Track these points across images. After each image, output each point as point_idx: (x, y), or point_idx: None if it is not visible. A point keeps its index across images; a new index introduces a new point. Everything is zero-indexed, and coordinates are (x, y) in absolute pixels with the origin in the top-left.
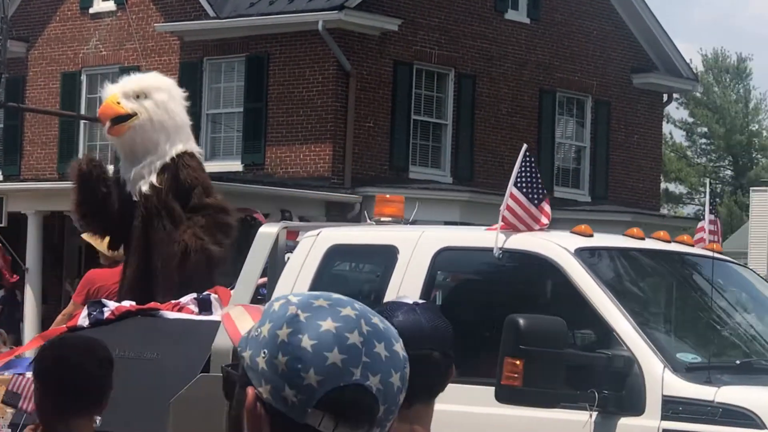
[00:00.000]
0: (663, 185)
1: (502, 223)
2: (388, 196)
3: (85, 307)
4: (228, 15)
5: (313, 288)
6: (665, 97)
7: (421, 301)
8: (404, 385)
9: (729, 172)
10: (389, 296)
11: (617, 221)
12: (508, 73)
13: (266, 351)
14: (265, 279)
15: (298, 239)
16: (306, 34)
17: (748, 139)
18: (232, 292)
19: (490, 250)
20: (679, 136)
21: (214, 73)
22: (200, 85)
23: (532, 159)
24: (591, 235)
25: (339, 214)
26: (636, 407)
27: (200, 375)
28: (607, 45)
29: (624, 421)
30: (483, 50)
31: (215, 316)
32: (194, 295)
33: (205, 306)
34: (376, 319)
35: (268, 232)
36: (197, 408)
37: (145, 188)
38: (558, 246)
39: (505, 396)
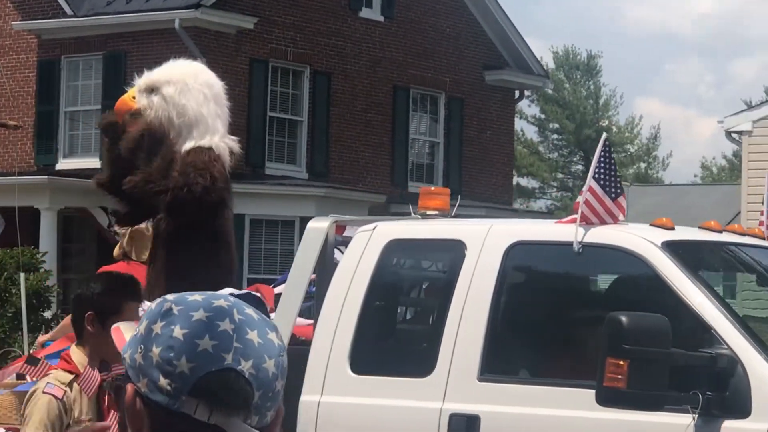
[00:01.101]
0: (515, 180)
1: (576, 216)
2: (432, 188)
3: None
4: (85, 13)
5: (372, 286)
6: (517, 93)
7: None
8: (280, 373)
9: (580, 167)
10: (458, 293)
11: (470, 216)
12: (362, 71)
13: (142, 346)
14: (312, 276)
15: (345, 234)
16: (163, 32)
17: (598, 135)
18: (275, 290)
19: (568, 244)
20: (531, 132)
21: (71, 71)
22: (58, 83)
23: (611, 150)
24: (673, 228)
25: None
26: (741, 409)
27: None
28: (460, 43)
29: (728, 425)
30: (338, 48)
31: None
32: (228, 291)
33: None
34: (251, 311)
35: (319, 227)
36: None
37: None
38: (644, 240)
39: (607, 399)
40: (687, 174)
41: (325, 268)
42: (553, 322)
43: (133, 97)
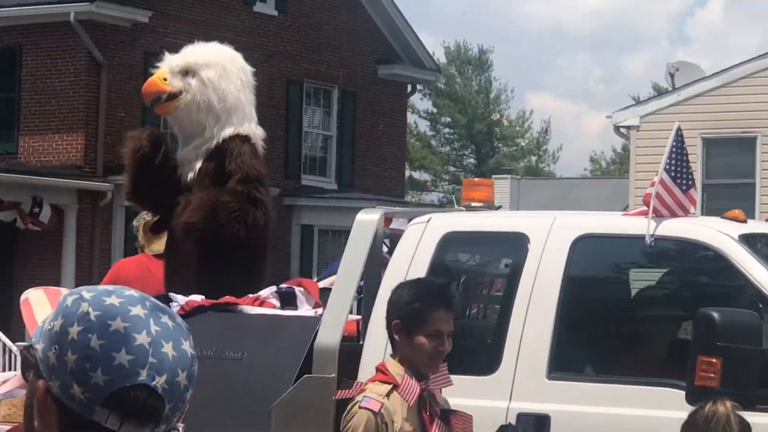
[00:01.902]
0: (408, 173)
1: (645, 208)
2: (476, 179)
3: None
4: None
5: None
6: (409, 87)
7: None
8: (191, 383)
9: (472, 160)
10: (522, 288)
11: (363, 208)
12: (256, 64)
13: (57, 347)
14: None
15: (391, 226)
16: (58, 25)
17: (489, 128)
18: (319, 284)
19: (639, 237)
20: (423, 126)
21: None
22: None
23: (683, 141)
24: (745, 221)
25: (91, 202)
26: None
27: (305, 377)
28: (353, 37)
29: None
30: (232, 42)
31: (302, 311)
32: (274, 288)
33: (288, 300)
34: (166, 318)
35: (369, 219)
36: (303, 413)
37: (191, 175)
38: (719, 232)
39: (700, 398)
40: (577, 167)
41: (373, 262)
42: (625, 318)
43: (164, 79)
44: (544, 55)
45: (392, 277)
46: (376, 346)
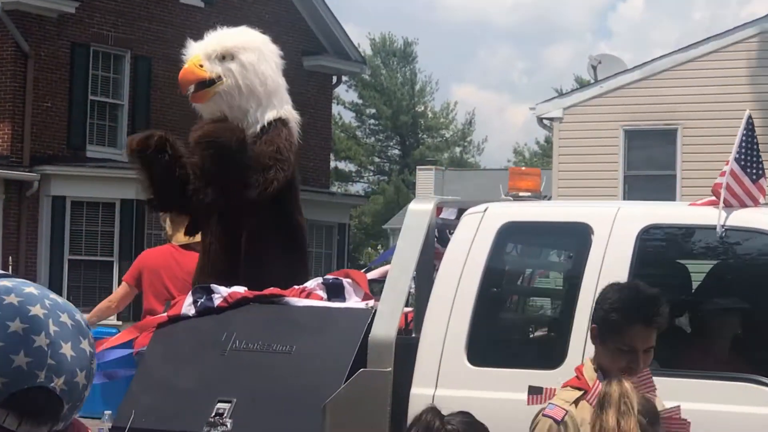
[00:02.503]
0: (333, 164)
1: (713, 198)
2: (523, 168)
3: (189, 293)
4: None
5: (488, 272)
6: (335, 79)
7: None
8: (89, 381)
9: (396, 152)
10: (587, 280)
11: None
12: (183, 55)
13: None
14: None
15: (442, 216)
16: None
17: (414, 120)
18: (368, 275)
19: (708, 227)
20: (348, 117)
21: None
22: None
23: (754, 131)
24: None
25: (17, 191)
26: None
27: (361, 371)
28: (279, 28)
29: None
30: (158, 33)
31: (351, 303)
32: (320, 279)
33: (335, 291)
34: (65, 317)
35: (424, 208)
36: (359, 408)
37: None
38: None
39: None
40: (501, 159)
41: (426, 253)
42: (696, 310)
43: (200, 65)
44: (468, 48)
45: (448, 269)
46: (433, 341)
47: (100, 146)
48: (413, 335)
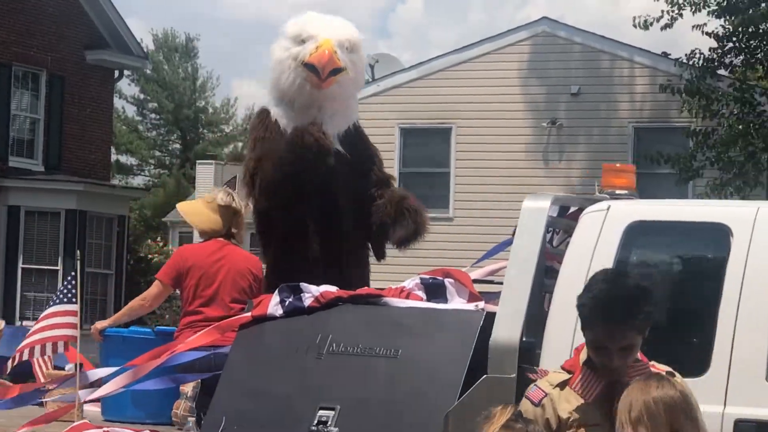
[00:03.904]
0: (114, 157)
1: None
2: (618, 165)
3: (276, 292)
4: None
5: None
6: (117, 73)
7: None
8: None
9: (177, 146)
10: (730, 284)
11: (69, 190)
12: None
13: None
14: (499, 265)
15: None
16: None
17: (196, 115)
18: (471, 275)
19: None
20: (131, 111)
21: None
22: None
23: None
24: None
25: None
26: None
27: (485, 377)
28: (62, 22)
29: None
30: None
31: (456, 304)
32: (417, 279)
33: (435, 292)
34: None
35: (540, 206)
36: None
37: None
38: None
39: None
40: None
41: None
42: None
43: (335, 52)
44: (249, 44)
45: (572, 270)
46: (558, 347)
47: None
48: (523, 339)
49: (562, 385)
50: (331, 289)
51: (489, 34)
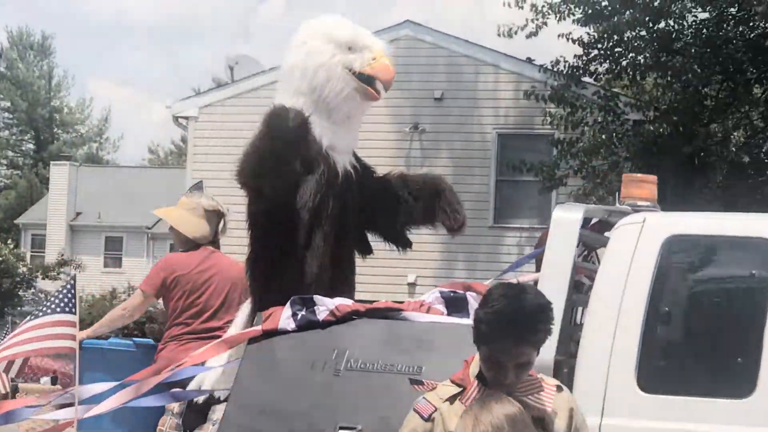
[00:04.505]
0: None
1: None
2: (639, 175)
3: (288, 305)
4: None
5: (657, 289)
6: None
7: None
8: None
9: (31, 146)
10: None
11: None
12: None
13: None
14: (528, 277)
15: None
16: None
17: (51, 115)
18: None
19: None
20: None
21: None
22: None
23: None
24: None
25: None
26: None
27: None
28: None
29: None
30: None
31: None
32: (437, 292)
33: (457, 306)
34: None
35: (573, 218)
36: None
37: (349, 167)
38: None
39: None
40: (137, 157)
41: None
42: None
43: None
44: (107, 44)
45: (606, 286)
46: (593, 364)
47: None
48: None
49: (452, 399)
50: (347, 302)
51: None
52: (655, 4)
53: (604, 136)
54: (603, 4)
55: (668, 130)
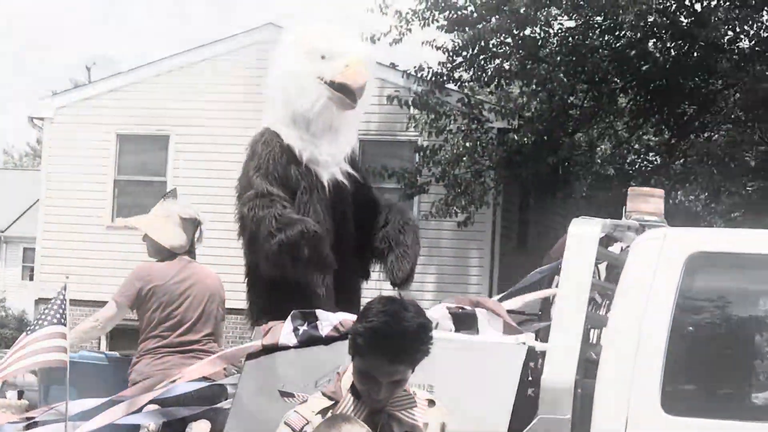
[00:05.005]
0: None
1: None
2: (645, 189)
3: (288, 319)
4: None
5: (681, 307)
6: None
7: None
8: None
9: None
10: None
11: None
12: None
13: None
14: (539, 294)
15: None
16: None
17: None
18: (504, 304)
19: None
20: None
21: None
22: None
23: None
24: None
25: None
26: None
27: (540, 418)
28: None
29: None
30: None
31: (489, 336)
32: (444, 309)
33: (465, 322)
34: None
35: (591, 233)
36: None
37: (340, 176)
38: None
39: None
40: None
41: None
42: None
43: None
44: None
45: (627, 303)
46: (614, 385)
47: None
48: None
49: (324, 413)
50: (350, 317)
51: (213, 39)
52: (521, 11)
53: (467, 144)
54: (469, 9)
55: (532, 139)
